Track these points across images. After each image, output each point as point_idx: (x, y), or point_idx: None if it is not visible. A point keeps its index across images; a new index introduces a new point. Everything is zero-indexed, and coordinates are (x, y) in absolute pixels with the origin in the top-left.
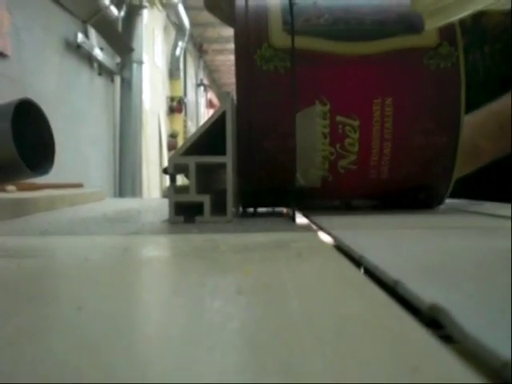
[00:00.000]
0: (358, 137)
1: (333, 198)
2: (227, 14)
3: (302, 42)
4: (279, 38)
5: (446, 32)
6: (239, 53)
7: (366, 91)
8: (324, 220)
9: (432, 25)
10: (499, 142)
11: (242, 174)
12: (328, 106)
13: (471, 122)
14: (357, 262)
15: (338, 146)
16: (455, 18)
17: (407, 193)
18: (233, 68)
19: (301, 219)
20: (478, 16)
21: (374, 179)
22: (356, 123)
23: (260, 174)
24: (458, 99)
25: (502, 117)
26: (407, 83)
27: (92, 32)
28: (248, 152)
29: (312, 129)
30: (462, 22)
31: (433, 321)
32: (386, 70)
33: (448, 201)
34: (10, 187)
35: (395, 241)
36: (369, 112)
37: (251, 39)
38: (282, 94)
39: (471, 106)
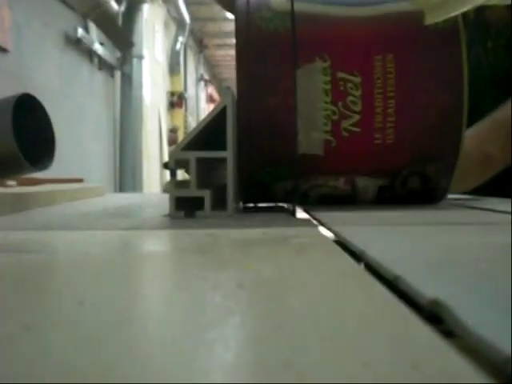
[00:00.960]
0: (360, 94)
1: (336, 172)
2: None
3: (302, 7)
4: (279, 3)
5: None
6: (239, 15)
7: (367, 47)
8: (324, 215)
9: (432, 19)
10: (508, 149)
11: (242, 140)
12: (328, 63)
13: (477, 132)
14: (357, 257)
15: (340, 104)
16: (456, 12)
17: (415, 165)
18: (233, 63)
19: (301, 214)
20: (481, 10)
21: (380, 145)
22: (358, 80)
23: (261, 138)
24: (458, 59)
25: (508, 123)
26: (408, 41)
27: (92, 27)
28: (248, 112)
29: (313, 85)
30: (464, 15)
31: (433, 316)
32: (386, 28)
33: (449, 196)
34: (11, 182)
35: (396, 236)
36: (370, 68)
37: (251, 5)
38: (282, 53)
39: (475, 102)
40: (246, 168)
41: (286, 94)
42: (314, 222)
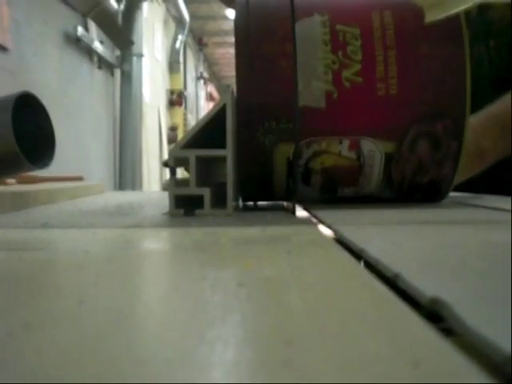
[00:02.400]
0: (360, 44)
1: (340, 130)
2: None
3: None
4: None
5: None
6: None
7: (364, 4)
8: (324, 214)
9: (432, 17)
10: (502, 143)
11: (241, 93)
12: (327, 17)
13: (473, 124)
14: (357, 255)
15: (340, 53)
16: (456, 10)
17: (422, 123)
18: (232, 61)
19: (301, 213)
20: (484, 8)
21: (384, 97)
22: (357, 31)
23: (260, 84)
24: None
25: (503, 118)
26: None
27: (92, 25)
28: (247, 59)
29: (311, 36)
30: (466, 14)
31: (433, 314)
32: None
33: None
34: (10, 180)
35: (396, 234)
36: (368, 21)
37: None
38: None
39: (477, 100)
40: (244, 126)
41: (284, 43)
42: (314, 220)
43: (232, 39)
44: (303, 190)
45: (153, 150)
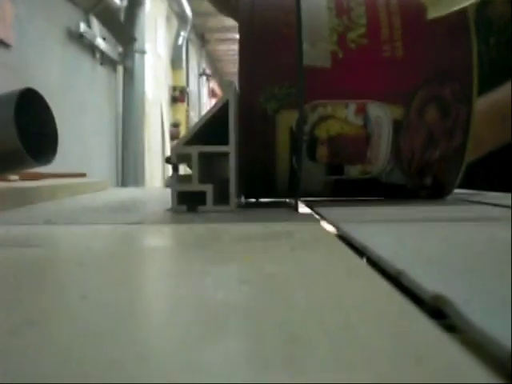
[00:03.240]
0: (364, 10)
1: (346, 92)
2: None
3: None
4: None
5: None
6: None
7: None
8: (327, 210)
9: (435, 13)
10: (500, 133)
11: (243, 55)
12: None
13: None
14: (360, 252)
15: (344, 17)
16: (458, 6)
17: (430, 86)
18: (235, 57)
19: (303, 209)
20: (483, 6)
21: (390, 59)
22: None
23: (262, 47)
24: None
25: (505, 107)
26: None
27: (94, 22)
28: (249, 26)
29: (316, 4)
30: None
31: (436, 311)
32: None
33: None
34: (13, 176)
35: (399, 232)
36: None
37: None
38: None
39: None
40: (246, 91)
41: (288, 14)
42: (317, 217)
43: (235, 36)
44: (308, 170)
45: (155, 146)
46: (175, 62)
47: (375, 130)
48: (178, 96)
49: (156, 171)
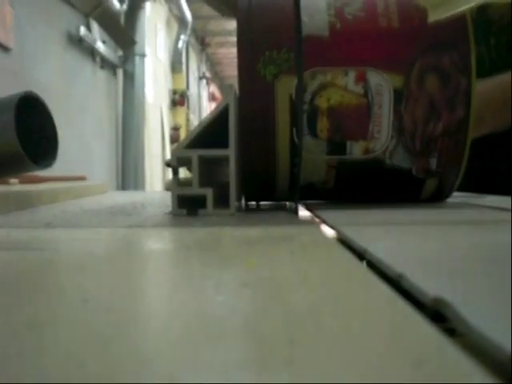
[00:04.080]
0: None
1: (345, 60)
2: None
3: None
4: None
5: None
6: None
7: None
8: (327, 214)
9: (436, 16)
10: (500, 116)
11: (242, 23)
12: None
13: (478, 89)
14: (360, 255)
15: None
16: (459, 9)
17: (428, 55)
18: (235, 61)
19: (303, 213)
20: (484, 7)
21: (386, 29)
22: None
23: (260, 12)
24: None
25: (506, 91)
26: None
27: (94, 25)
28: None
29: None
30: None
31: (436, 314)
32: None
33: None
34: (13, 180)
35: (399, 235)
36: None
37: None
38: None
39: None
40: (244, 57)
41: None
42: (317, 220)
43: (235, 39)
44: (309, 149)
45: (155, 149)
46: (175, 66)
47: (376, 100)
48: (178, 99)
49: (156, 175)
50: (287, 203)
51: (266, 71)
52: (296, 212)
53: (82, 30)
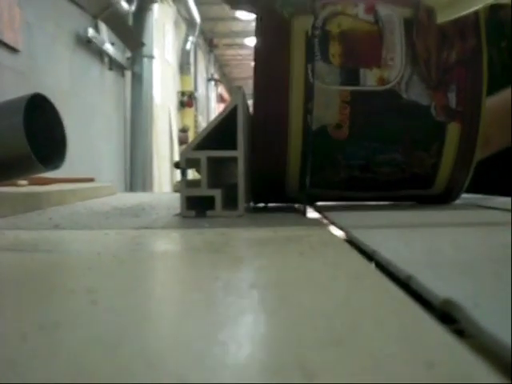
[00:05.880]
0: None
1: None
2: None
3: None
4: None
5: None
6: None
7: None
8: (335, 215)
9: (444, 18)
10: (508, 132)
11: None
12: None
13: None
14: (369, 257)
15: None
16: (468, 10)
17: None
18: (243, 62)
19: (312, 214)
20: (495, 10)
21: None
22: None
23: None
24: None
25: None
26: None
27: (103, 27)
28: None
29: None
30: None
31: (445, 316)
32: None
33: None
34: (22, 181)
35: (408, 237)
36: None
37: None
38: None
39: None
40: None
41: None
42: (325, 221)
43: (243, 41)
44: (322, 77)
45: (163, 151)
46: (183, 67)
47: (387, 27)
48: (186, 101)
49: (164, 176)
50: (296, 205)
51: (284, 10)
52: (304, 213)
53: (91, 32)
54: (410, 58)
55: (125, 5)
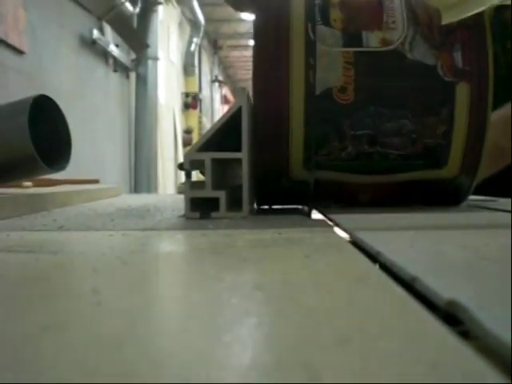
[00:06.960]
0: None
1: None
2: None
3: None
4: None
5: None
6: None
7: None
8: (340, 216)
9: (449, 19)
10: None
11: None
12: None
13: (494, 120)
14: (373, 258)
15: None
16: (472, 11)
17: None
18: (248, 64)
19: (316, 215)
20: (500, 10)
21: None
22: None
23: None
24: None
25: None
26: None
27: (107, 28)
28: None
29: None
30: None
31: (450, 317)
32: None
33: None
34: (27, 183)
35: (413, 238)
36: None
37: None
38: None
39: (494, 103)
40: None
41: None
42: (329, 223)
43: (247, 42)
44: (324, 40)
45: (168, 152)
46: (188, 69)
47: None
48: (191, 102)
49: (169, 178)
50: (300, 207)
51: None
52: (309, 215)
53: (95, 33)
54: (412, 20)
55: (129, 6)
